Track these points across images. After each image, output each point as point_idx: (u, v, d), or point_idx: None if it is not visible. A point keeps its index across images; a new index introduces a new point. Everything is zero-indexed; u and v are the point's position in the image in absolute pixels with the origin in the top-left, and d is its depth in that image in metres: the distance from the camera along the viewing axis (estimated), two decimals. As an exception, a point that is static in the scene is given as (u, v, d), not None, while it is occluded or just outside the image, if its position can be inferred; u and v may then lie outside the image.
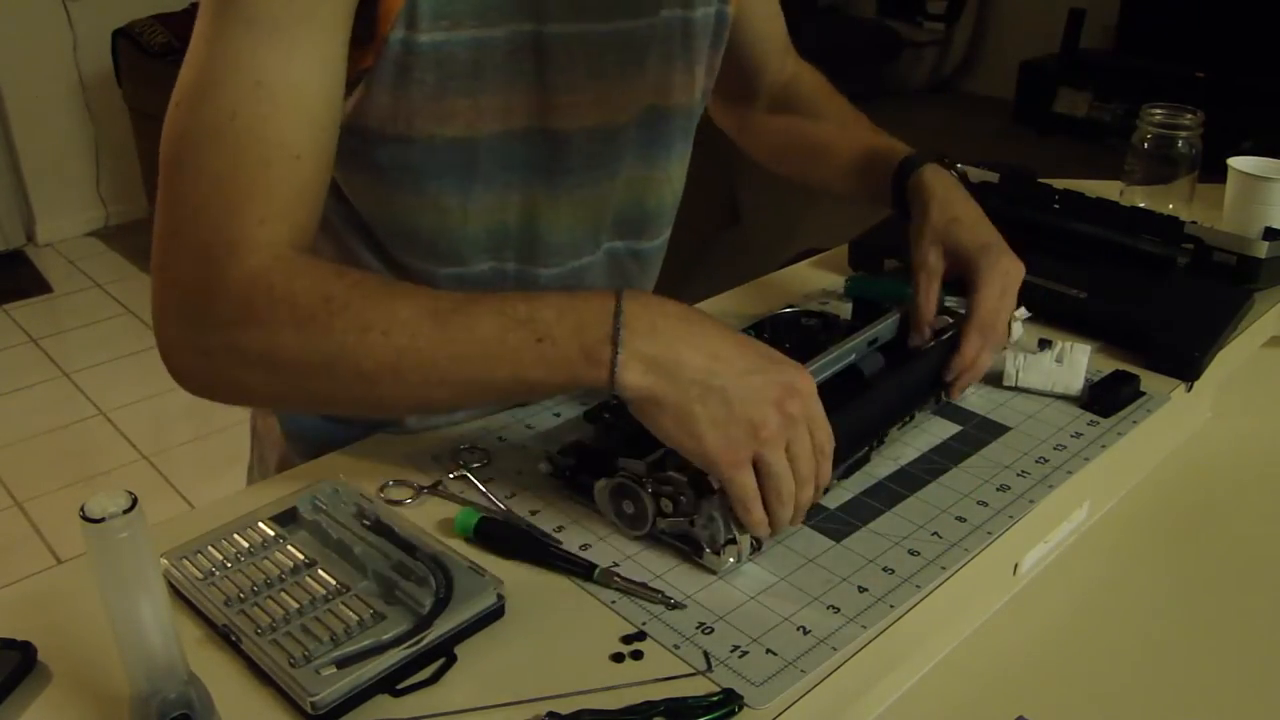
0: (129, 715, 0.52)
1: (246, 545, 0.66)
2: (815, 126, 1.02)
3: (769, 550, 0.68)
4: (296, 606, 0.60)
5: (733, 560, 0.66)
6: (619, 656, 0.60)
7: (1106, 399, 0.85)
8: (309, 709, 0.54)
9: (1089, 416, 0.84)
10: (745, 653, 0.60)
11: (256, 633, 0.58)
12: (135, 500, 0.47)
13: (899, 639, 0.63)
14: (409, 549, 0.65)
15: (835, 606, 0.64)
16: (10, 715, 0.56)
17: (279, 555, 0.65)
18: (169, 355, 0.66)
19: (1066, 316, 0.98)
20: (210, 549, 0.65)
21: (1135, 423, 0.84)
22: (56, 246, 3.72)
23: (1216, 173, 1.19)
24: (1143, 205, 1.24)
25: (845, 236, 1.15)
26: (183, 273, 0.63)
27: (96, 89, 3.64)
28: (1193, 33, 4.29)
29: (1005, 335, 0.84)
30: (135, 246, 3.70)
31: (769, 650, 0.60)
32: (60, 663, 0.59)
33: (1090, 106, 4.64)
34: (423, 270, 0.79)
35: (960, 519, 0.72)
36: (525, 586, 0.65)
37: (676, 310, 0.64)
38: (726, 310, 1.03)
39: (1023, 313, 0.86)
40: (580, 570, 0.66)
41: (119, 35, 3.49)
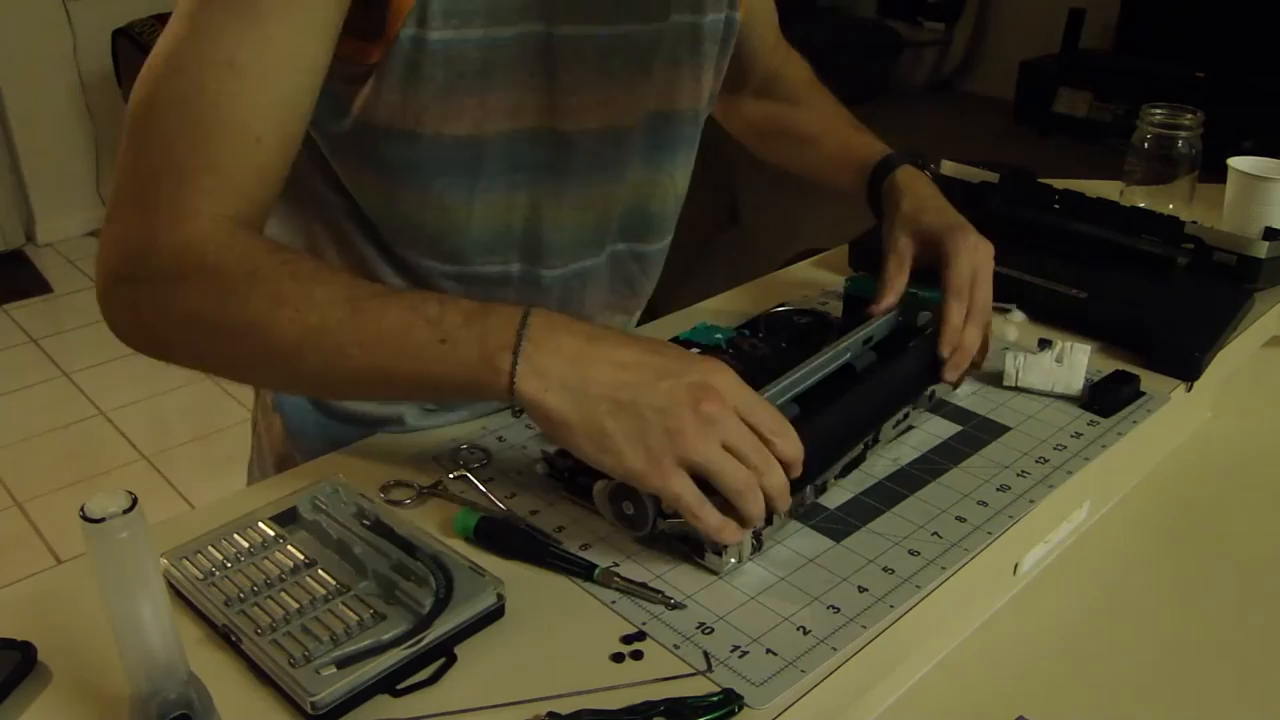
0: (129, 715, 0.52)
1: (246, 545, 0.66)
2: (799, 116, 1.05)
3: (769, 550, 0.68)
4: (296, 606, 0.60)
5: (734, 560, 0.66)
6: (619, 656, 0.60)
7: (1106, 399, 0.85)
8: (309, 709, 0.54)
9: (1089, 416, 0.84)
10: (745, 653, 0.60)
11: (256, 633, 0.58)
12: (135, 500, 0.47)
13: (899, 639, 0.63)
14: (409, 549, 0.65)
15: (835, 606, 0.64)
16: (10, 715, 0.56)
17: (279, 555, 0.65)
18: (104, 304, 0.67)
19: (1066, 316, 0.98)
20: (210, 549, 0.65)
21: (1135, 423, 0.84)
22: (56, 246, 3.72)
23: (1216, 173, 1.19)
24: (1143, 205, 1.24)
25: (845, 236, 1.15)
26: (127, 228, 0.65)
27: (96, 89, 3.64)
28: (1193, 33, 4.29)
29: (989, 309, 0.85)
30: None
31: (769, 650, 0.60)
32: (60, 663, 0.59)
33: (1090, 106, 4.64)
34: (427, 267, 0.79)
35: (960, 519, 0.72)
36: (525, 586, 0.65)
37: (582, 329, 0.64)
38: (726, 310, 1.02)
39: (1018, 314, 0.87)
40: (580, 570, 0.66)
41: (119, 35, 3.49)
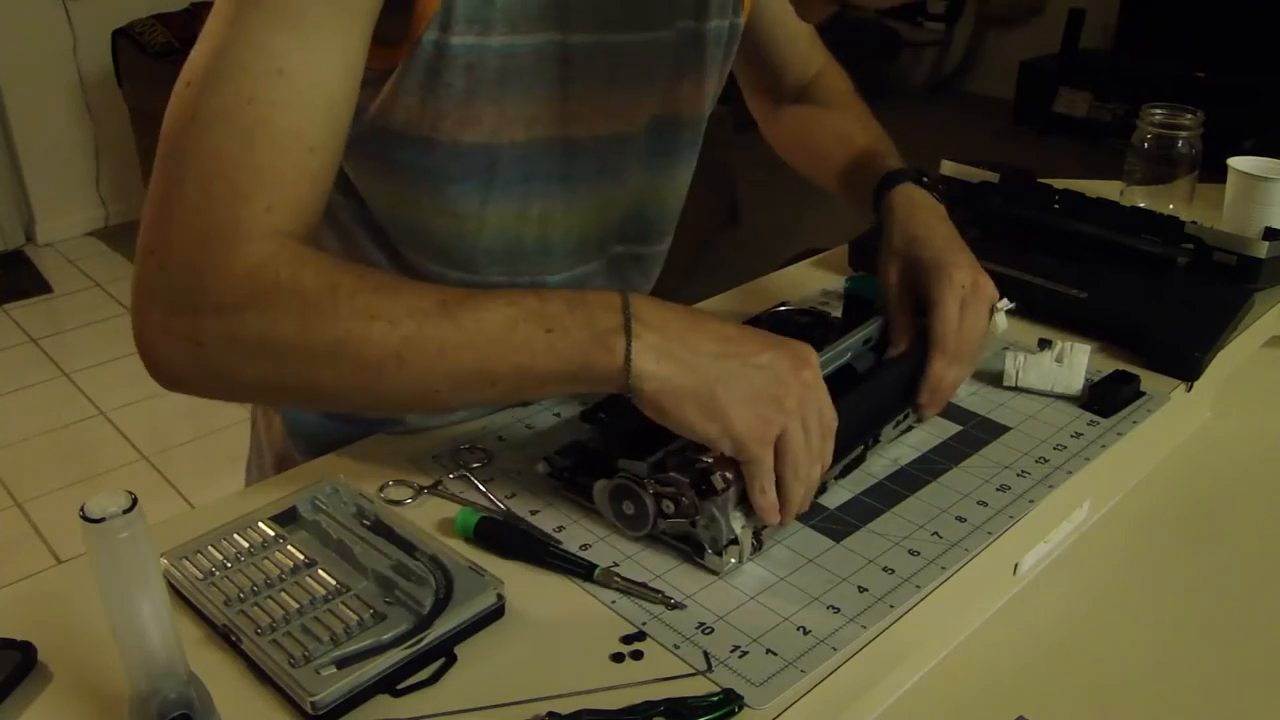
0: (129, 715, 0.52)
1: (246, 545, 0.66)
2: (822, 126, 1.03)
3: (769, 550, 0.68)
4: (296, 606, 0.60)
5: (734, 560, 0.66)
6: (619, 656, 0.60)
7: (1106, 399, 0.85)
8: (309, 709, 0.54)
9: (1089, 416, 0.84)
10: (745, 653, 0.60)
11: (256, 633, 0.58)
12: (135, 500, 0.47)
13: (899, 639, 0.63)
14: (409, 549, 0.65)
15: (835, 606, 0.64)
16: (10, 715, 0.56)
17: (279, 555, 0.65)
18: (151, 344, 0.62)
19: (1066, 316, 0.98)
20: (210, 549, 0.65)
21: (1135, 423, 0.84)
22: (56, 246, 3.72)
23: (1216, 173, 1.19)
24: (1143, 205, 1.24)
25: (845, 236, 1.15)
26: (177, 256, 0.61)
27: (96, 89, 3.64)
28: (1192, 33, 4.29)
29: (976, 351, 0.81)
30: (135, 246, 3.70)
31: (769, 650, 0.60)
32: (60, 663, 0.59)
33: (1090, 106, 4.65)
34: (434, 273, 0.79)
35: (960, 519, 0.72)
36: (525, 586, 0.65)
37: (678, 308, 0.66)
38: (726, 310, 1.03)
39: (1005, 303, 0.84)
40: (580, 570, 0.66)
41: (119, 35, 3.49)
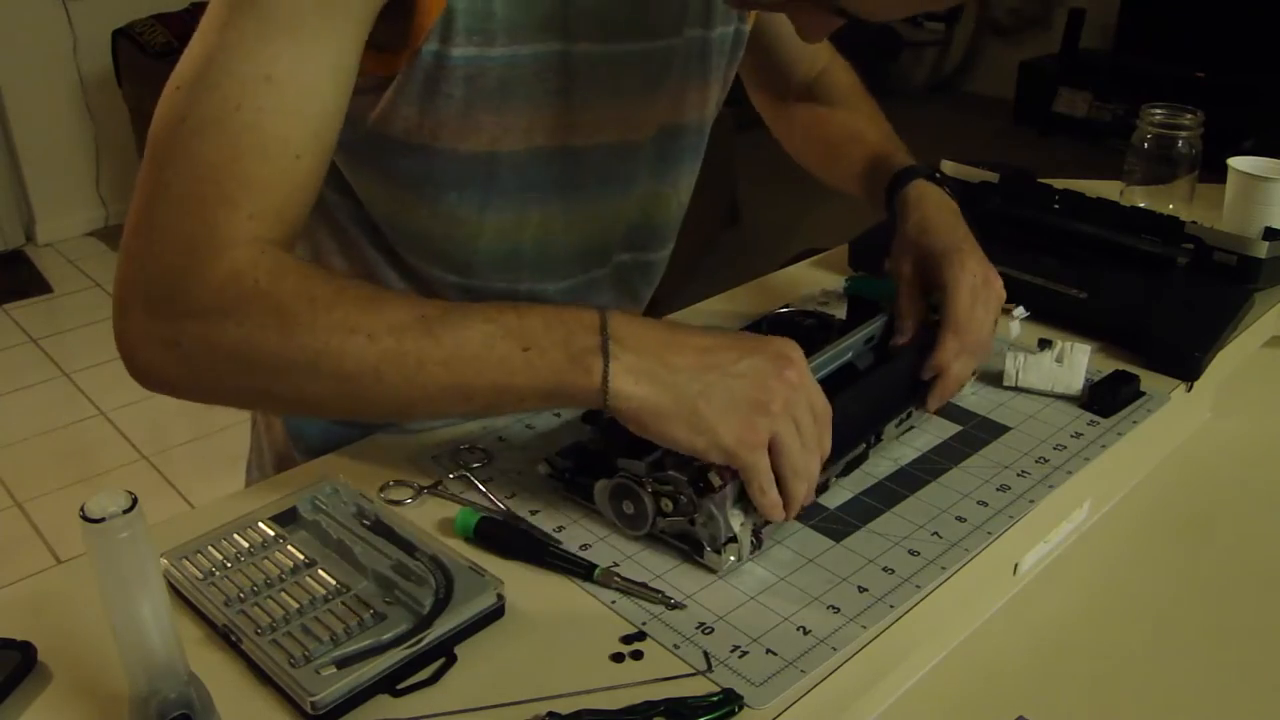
0: (129, 715, 0.52)
1: (246, 545, 0.66)
2: (834, 123, 1.03)
3: (769, 550, 0.68)
4: (296, 606, 0.60)
5: (733, 559, 0.66)
6: (619, 656, 0.60)
7: (1106, 399, 0.85)
8: (309, 709, 0.54)
9: (1089, 416, 0.84)
10: (745, 653, 0.60)
11: (256, 633, 0.58)
12: (135, 500, 0.47)
13: (899, 639, 0.63)
14: (409, 549, 0.65)
15: (835, 606, 0.64)
16: (10, 715, 0.56)
17: (279, 555, 0.65)
18: (130, 346, 0.62)
19: (1066, 316, 0.98)
20: (210, 549, 0.65)
21: (1135, 423, 0.84)
22: (56, 246, 3.72)
23: (1216, 173, 1.19)
24: (1143, 205, 1.24)
25: (845, 236, 1.15)
26: (160, 260, 0.61)
27: (96, 89, 3.64)
28: (1192, 33, 4.29)
29: (988, 343, 0.82)
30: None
31: (769, 650, 0.60)
32: (60, 663, 0.59)
33: (1090, 106, 4.64)
34: (434, 276, 0.79)
35: (960, 519, 0.72)
36: (525, 586, 0.65)
37: (656, 324, 0.65)
38: (726, 310, 1.03)
39: (1020, 311, 0.86)
40: (580, 570, 0.66)
41: (119, 35, 3.49)
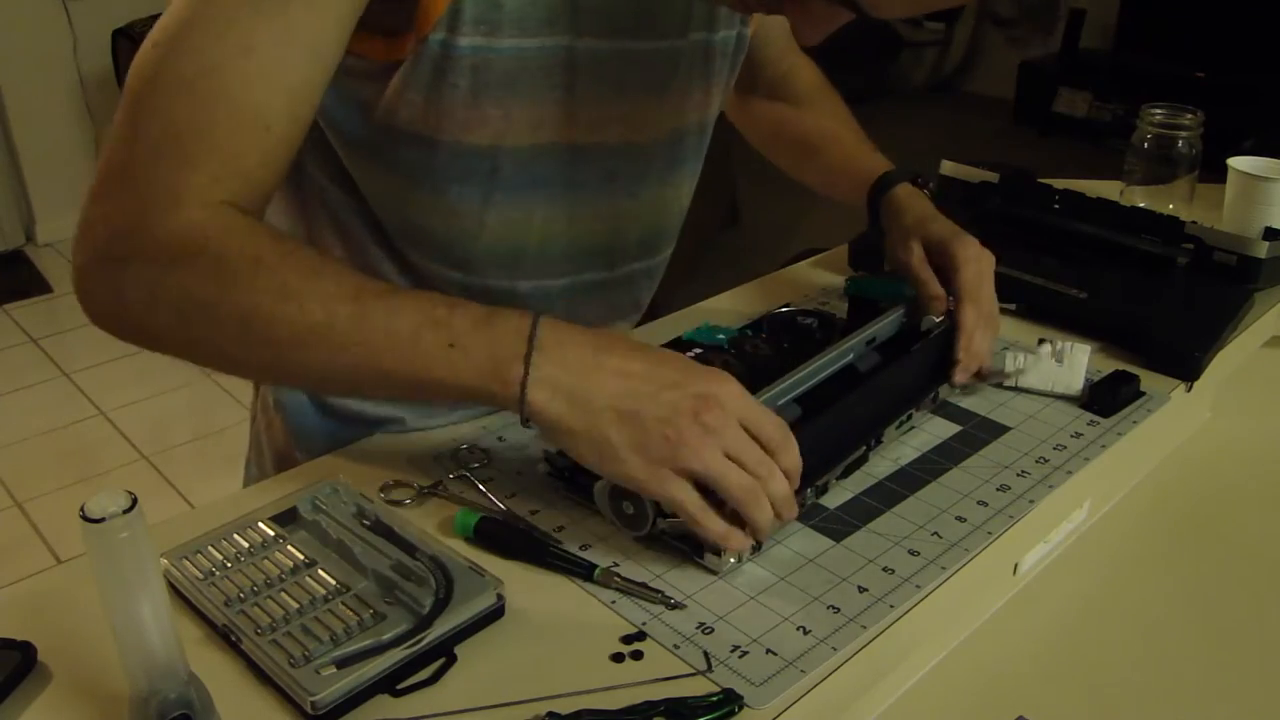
0: (129, 715, 0.52)
1: (246, 545, 0.66)
2: (805, 124, 1.05)
3: (769, 550, 0.68)
4: (296, 606, 0.60)
5: (733, 560, 0.66)
6: (619, 656, 0.60)
7: (1106, 399, 0.85)
8: (309, 709, 0.54)
9: (1089, 416, 0.84)
10: (745, 653, 0.60)
11: (256, 633, 0.58)
12: (135, 500, 0.47)
13: (899, 639, 0.63)
14: (409, 549, 0.65)
15: (835, 606, 0.64)
16: (10, 715, 0.56)
17: (279, 555, 0.65)
18: (82, 281, 0.64)
19: (1066, 316, 0.98)
20: (210, 549, 0.65)
21: (1135, 423, 0.84)
22: (56, 246, 3.72)
23: (1216, 173, 1.19)
24: (1143, 205, 1.24)
25: (845, 236, 1.15)
26: (119, 208, 0.62)
27: (96, 89, 3.64)
28: (1192, 33, 4.29)
29: (997, 315, 0.87)
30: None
31: (769, 650, 0.60)
32: (60, 663, 0.59)
33: (1090, 106, 4.64)
34: (433, 272, 0.79)
35: (960, 519, 0.72)
36: (525, 586, 0.65)
37: (590, 339, 0.64)
38: (726, 310, 1.02)
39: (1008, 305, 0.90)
40: (580, 570, 0.66)
41: (119, 35, 3.49)
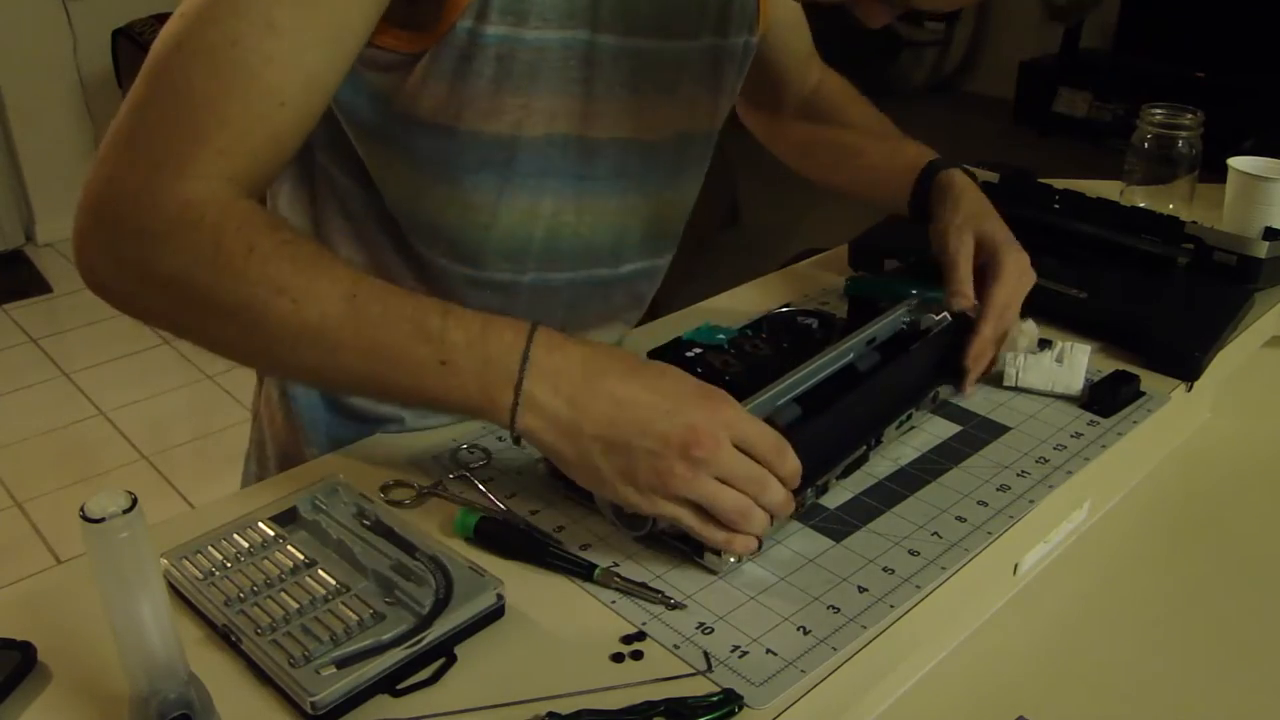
0: (129, 715, 0.52)
1: (246, 545, 0.66)
2: (840, 133, 1.04)
3: (769, 550, 0.68)
4: (296, 606, 0.60)
5: (733, 560, 0.66)
6: (619, 656, 0.60)
7: (1106, 399, 0.85)
8: (309, 709, 0.54)
9: (1089, 416, 0.84)
10: (745, 653, 0.60)
11: (256, 633, 0.58)
12: (135, 500, 0.47)
13: (899, 639, 0.63)
14: (409, 549, 0.65)
15: (835, 606, 0.64)
16: (10, 715, 0.56)
17: (279, 555, 0.65)
18: (81, 245, 0.63)
19: (1066, 316, 0.98)
20: (210, 549, 0.65)
21: (1135, 423, 0.84)
22: (56, 246, 3.72)
23: (1216, 173, 1.19)
24: (1143, 205, 1.24)
25: (845, 236, 1.15)
26: (125, 174, 0.62)
27: (96, 89, 3.64)
28: (1192, 33, 4.29)
29: (1010, 330, 0.87)
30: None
31: (769, 650, 0.60)
32: (60, 663, 0.59)
33: (1090, 106, 4.64)
34: (441, 266, 0.79)
35: (960, 519, 0.72)
36: (525, 586, 0.65)
37: (584, 361, 0.63)
38: (727, 310, 1.02)
39: (1032, 327, 0.89)
40: (580, 570, 0.66)
41: (119, 35, 3.49)
